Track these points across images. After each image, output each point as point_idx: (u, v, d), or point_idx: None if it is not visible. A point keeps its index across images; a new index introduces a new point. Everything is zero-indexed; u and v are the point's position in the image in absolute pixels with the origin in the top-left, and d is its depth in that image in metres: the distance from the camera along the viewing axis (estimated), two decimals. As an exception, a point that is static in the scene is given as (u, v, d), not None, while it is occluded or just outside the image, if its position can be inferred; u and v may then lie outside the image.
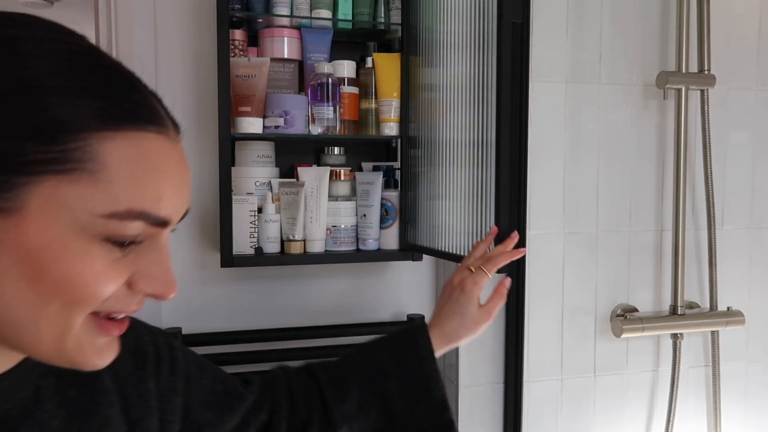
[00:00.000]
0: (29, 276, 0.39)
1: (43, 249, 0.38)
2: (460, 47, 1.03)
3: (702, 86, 1.31)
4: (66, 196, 0.38)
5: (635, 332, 1.29)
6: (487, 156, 1.00)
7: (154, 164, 0.41)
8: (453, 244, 1.08)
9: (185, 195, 0.44)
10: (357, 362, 0.78)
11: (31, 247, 0.38)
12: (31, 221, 0.38)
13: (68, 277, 0.39)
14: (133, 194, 0.40)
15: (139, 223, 0.40)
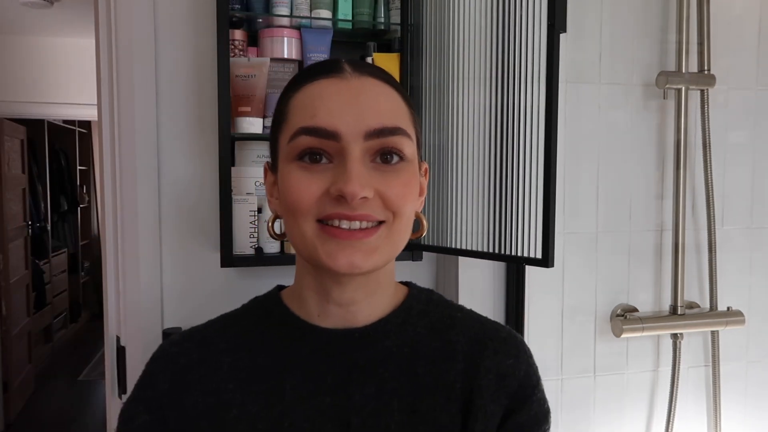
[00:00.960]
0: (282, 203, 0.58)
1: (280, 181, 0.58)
2: (475, 48, 1.03)
3: (702, 86, 1.31)
4: (281, 141, 0.58)
5: (635, 332, 1.29)
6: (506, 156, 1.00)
7: (314, 95, 0.56)
8: (462, 242, 1.08)
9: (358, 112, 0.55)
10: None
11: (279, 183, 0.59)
12: (278, 168, 0.59)
13: (286, 192, 0.56)
14: (298, 119, 0.56)
15: (304, 137, 0.55)
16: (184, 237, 1.21)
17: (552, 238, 0.93)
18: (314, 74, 0.58)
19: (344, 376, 0.58)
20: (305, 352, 0.59)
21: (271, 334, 0.62)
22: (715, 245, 1.35)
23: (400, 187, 0.56)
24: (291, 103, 0.58)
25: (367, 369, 0.59)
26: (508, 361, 0.62)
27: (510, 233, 0.99)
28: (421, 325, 0.63)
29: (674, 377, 1.35)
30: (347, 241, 0.54)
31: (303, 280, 0.62)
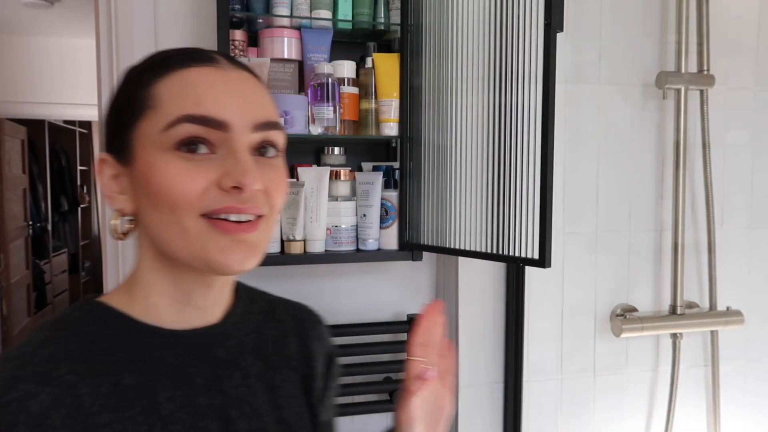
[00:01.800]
0: (149, 198, 0.53)
1: (147, 173, 0.52)
2: (474, 48, 1.04)
3: (701, 86, 1.32)
4: (145, 129, 0.53)
5: (635, 332, 1.29)
6: (504, 156, 1.00)
7: (194, 83, 0.53)
8: (461, 242, 1.08)
9: (244, 104, 0.54)
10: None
11: (143, 177, 0.53)
12: (138, 159, 0.53)
13: (160, 185, 0.52)
14: (176, 107, 0.52)
15: (188, 125, 0.52)
16: (185, 237, 1.21)
17: (549, 239, 0.93)
18: (184, 61, 0.54)
19: (212, 374, 0.57)
20: (171, 360, 0.56)
21: (126, 349, 0.55)
22: (715, 245, 1.36)
23: (280, 180, 0.56)
24: (157, 88, 0.53)
25: (230, 362, 0.59)
26: (322, 328, 0.70)
27: (508, 233, 0.99)
28: (255, 311, 0.65)
29: (674, 377, 1.35)
30: (237, 236, 0.52)
31: (153, 286, 0.57)
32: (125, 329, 0.56)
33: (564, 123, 1.27)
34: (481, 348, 1.27)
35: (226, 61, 0.56)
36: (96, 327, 0.55)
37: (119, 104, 0.56)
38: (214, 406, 0.56)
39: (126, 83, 0.57)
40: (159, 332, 0.56)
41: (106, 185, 0.56)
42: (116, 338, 0.55)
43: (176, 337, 0.57)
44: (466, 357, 1.26)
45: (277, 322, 0.67)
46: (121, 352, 0.54)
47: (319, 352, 0.68)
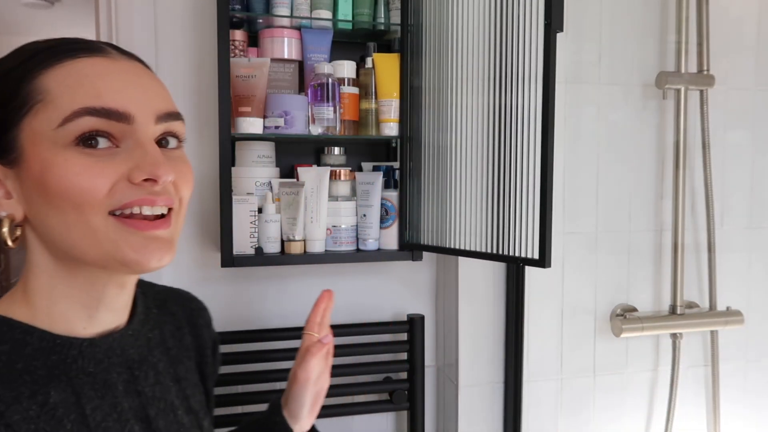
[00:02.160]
0: (46, 199, 0.49)
1: (42, 173, 0.48)
2: (474, 48, 1.04)
3: (701, 86, 1.32)
4: (36, 126, 0.49)
5: (635, 332, 1.29)
6: (504, 156, 1.00)
7: (88, 73, 0.50)
8: (461, 242, 1.08)
9: (144, 94, 0.52)
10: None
11: (37, 177, 0.49)
12: (29, 159, 0.49)
13: (62, 184, 0.48)
14: (72, 99, 0.49)
15: (88, 118, 0.48)
16: (184, 237, 1.21)
17: (549, 239, 0.93)
18: (72, 51, 0.51)
19: (129, 375, 0.57)
20: (91, 370, 0.53)
21: (45, 366, 0.51)
22: (715, 245, 1.36)
23: (187, 171, 0.55)
24: (45, 80, 0.49)
25: (141, 361, 0.58)
26: (207, 315, 0.72)
27: (508, 233, 0.99)
28: (151, 306, 0.65)
29: (673, 377, 1.35)
30: (151, 233, 0.51)
31: (57, 294, 0.53)
32: (39, 344, 0.51)
33: (564, 123, 1.27)
34: (481, 348, 1.27)
35: (114, 51, 0.53)
36: (7, 346, 0.50)
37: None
38: (135, 408, 0.56)
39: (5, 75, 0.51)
40: (74, 342, 0.53)
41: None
42: (31, 355, 0.51)
43: (92, 346, 0.54)
44: (466, 357, 1.27)
45: (171, 314, 0.67)
46: (40, 370, 0.51)
47: (208, 338, 0.70)
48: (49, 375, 0.51)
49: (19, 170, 0.50)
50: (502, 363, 1.29)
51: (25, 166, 0.50)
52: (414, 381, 1.28)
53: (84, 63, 0.50)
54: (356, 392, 1.27)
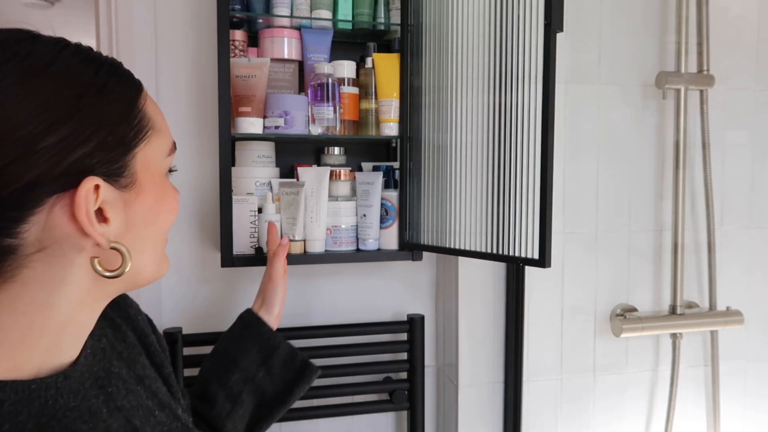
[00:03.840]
0: (153, 227, 0.52)
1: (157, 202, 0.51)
2: (474, 48, 1.04)
3: (701, 86, 1.32)
4: (150, 154, 0.50)
5: (635, 332, 1.29)
6: (504, 156, 1.00)
7: (152, 104, 0.52)
8: (461, 242, 1.08)
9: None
10: (209, 368, 0.89)
11: (149, 205, 0.51)
12: (142, 186, 0.50)
13: (163, 211, 0.52)
14: (166, 132, 0.53)
15: (173, 151, 0.54)
16: (184, 237, 1.21)
17: (549, 239, 0.93)
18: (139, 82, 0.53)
19: (105, 395, 0.53)
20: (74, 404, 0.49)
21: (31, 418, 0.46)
22: (715, 245, 1.36)
23: None
24: (146, 108, 0.50)
25: (108, 376, 0.55)
26: (130, 300, 0.69)
27: (508, 233, 0.99)
28: None
29: (673, 377, 1.35)
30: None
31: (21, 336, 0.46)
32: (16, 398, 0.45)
33: (564, 123, 1.27)
34: (481, 348, 1.27)
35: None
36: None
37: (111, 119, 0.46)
38: (122, 425, 0.53)
39: (115, 94, 0.47)
40: (49, 382, 0.48)
41: (90, 215, 0.45)
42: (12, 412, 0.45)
43: (66, 379, 0.49)
44: (466, 357, 1.27)
45: (103, 316, 0.62)
46: (27, 424, 0.45)
47: (145, 325, 0.68)
48: (38, 426, 0.46)
49: (129, 196, 0.49)
50: (502, 363, 1.29)
51: (137, 192, 0.49)
52: (414, 381, 1.28)
53: (147, 96, 0.52)
54: (356, 392, 1.27)
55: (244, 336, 0.92)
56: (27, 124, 0.41)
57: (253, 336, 0.91)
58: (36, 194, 0.42)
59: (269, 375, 0.90)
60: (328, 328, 1.25)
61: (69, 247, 0.45)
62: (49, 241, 0.44)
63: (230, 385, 0.87)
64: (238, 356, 0.89)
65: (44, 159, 0.42)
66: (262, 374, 0.89)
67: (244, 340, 0.91)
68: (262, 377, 0.89)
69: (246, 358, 0.89)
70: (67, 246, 0.45)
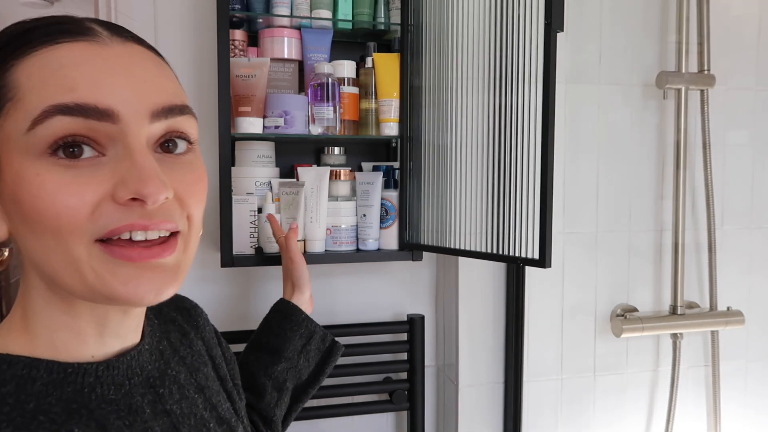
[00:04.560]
0: (22, 219, 0.40)
1: (15, 189, 0.39)
2: (474, 48, 1.03)
3: (702, 86, 1.31)
4: (8, 129, 0.39)
5: (635, 332, 1.29)
6: (505, 156, 1.00)
7: (65, 63, 0.40)
8: (461, 242, 1.08)
9: (134, 84, 0.42)
10: (255, 362, 0.90)
11: (10, 192, 0.40)
12: (3, 169, 0.40)
13: (35, 204, 0.39)
14: (42, 96, 0.39)
15: (60, 118, 0.38)
16: (185, 237, 1.21)
17: (549, 239, 0.93)
18: (50, 36, 0.41)
19: (154, 396, 0.49)
20: (112, 397, 0.46)
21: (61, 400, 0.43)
22: (715, 245, 1.35)
23: (196, 182, 0.45)
24: (16, 73, 0.40)
25: (163, 377, 0.51)
26: (200, 310, 0.67)
27: (508, 233, 0.99)
28: (151, 315, 0.57)
29: (674, 377, 1.35)
30: (146, 263, 0.41)
31: (55, 321, 0.44)
32: (48, 378, 0.43)
33: (564, 123, 1.27)
34: (481, 348, 1.27)
35: (106, 32, 0.43)
36: (11, 386, 0.41)
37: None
38: (166, 430, 0.49)
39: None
40: (88, 369, 0.45)
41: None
42: (42, 392, 0.42)
43: (109, 369, 0.46)
44: (466, 357, 1.26)
45: (171, 320, 0.61)
46: (55, 407, 0.42)
47: (212, 336, 0.66)
48: (66, 411, 0.42)
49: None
50: (502, 363, 1.29)
51: (1, 178, 0.40)
52: (414, 381, 1.28)
53: (63, 50, 0.40)
54: (356, 392, 1.27)
55: (284, 326, 0.92)
56: None
57: (293, 325, 0.92)
58: None
59: (307, 360, 0.92)
60: (328, 328, 1.25)
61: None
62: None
63: (276, 374, 0.88)
64: (281, 347, 0.90)
65: None
66: (302, 360, 0.91)
67: (285, 330, 0.91)
68: (302, 362, 0.91)
69: (289, 348, 0.90)
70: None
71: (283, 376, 0.88)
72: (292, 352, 0.90)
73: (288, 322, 0.92)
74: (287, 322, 0.92)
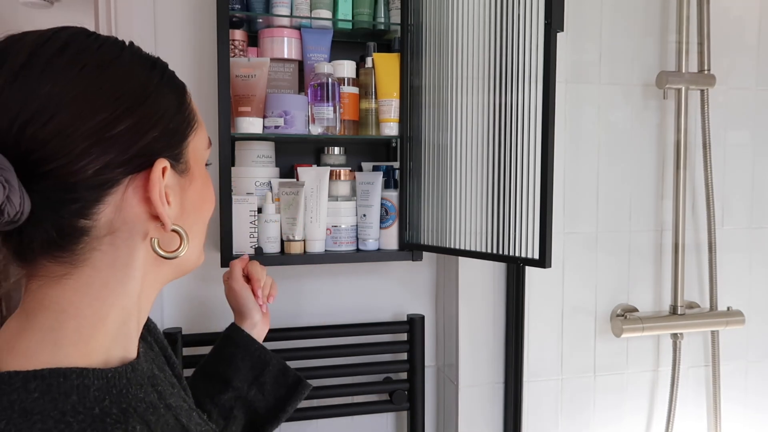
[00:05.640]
0: (199, 213, 0.55)
1: (203, 188, 0.55)
2: (474, 48, 1.04)
3: (702, 86, 1.31)
4: (196, 144, 0.54)
5: (635, 332, 1.29)
6: (505, 156, 1.00)
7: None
8: (461, 242, 1.08)
9: None
10: (201, 387, 0.88)
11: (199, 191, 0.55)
12: (193, 173, 0.54)
13: (210, 201, 0.57)
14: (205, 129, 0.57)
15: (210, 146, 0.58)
16: (184, 237, 1.21)
17: (549, 239, 0.93)
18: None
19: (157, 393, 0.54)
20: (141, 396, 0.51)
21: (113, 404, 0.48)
22: (715, 245, 1.35)
23: None
24: (193, 104, 0.55)
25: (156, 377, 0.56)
26: (150, 320, 0.69)
27: (508, 233, 0.99)
28: None
29: (674, 377, 1.35)
30: None
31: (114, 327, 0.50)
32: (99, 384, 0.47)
33: (564, 123, 1.27)
34: (481, 348, 1.27)
35: None
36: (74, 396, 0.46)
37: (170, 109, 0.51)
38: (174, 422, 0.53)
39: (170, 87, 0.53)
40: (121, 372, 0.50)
41: (160, 196, 0.49)
42: (98, 397, 0.47)
43: (134, 371, 0.51)
44: (466, 357, 1.26)
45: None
46: (112, 408, 0.47)
47: (163, 338, 0.70)
48: (121, 411, 0.48)
49: (185, 182, 0.53)
50: (502, 363, 1.29)
51: (189, 179, 0.54)
52: (414, 381, 1.28)
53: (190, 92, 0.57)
54: (356, 392, 1.27)
55: (235, 355, 0.89)
56: (104, 110, 0.46)
57: (243, 354, 0.89)
58: (113, 174, 0.47)
59: (261, 392, 0.89)
60: (328, 328, 1.25)
61: (135, 230, 0.49)
62: (119, 223, 0.48)
63: (222, 402, 0.87)
64: (230, 376, 0.88)
65: (120, 141, 0.46)
66: (254, 392, 0.88)
67: (234, 359, 0.89)
68: (254, 395, 0.88)
69: (238, 377, 0.88)
70: (134, 229, 0.49)
71: (230, 404, 0.87)
72: (241, 382, 0.87)
73: (239, 352, 0.89)
74: (238, 351, 0.89)
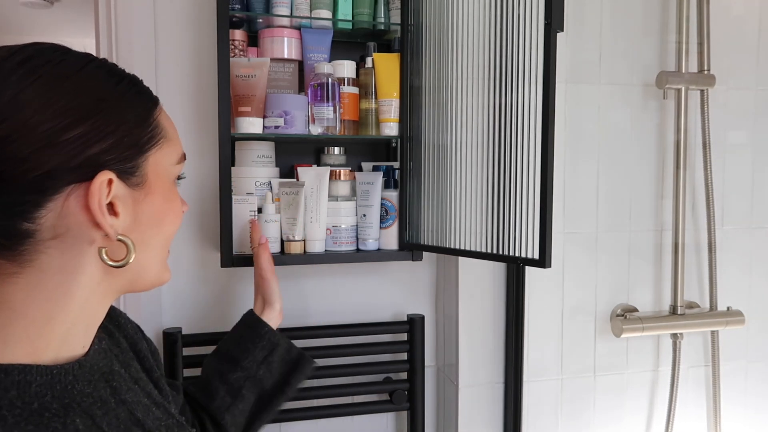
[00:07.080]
0: (158, 228, 0.55)
1: (163, 204, 0.55)
2: (474, 48, 1.03)
3: (702, 86, 1.31)
4: (160, 160, 0.55)
5: (635, 332, 1.29)
6: (505, 156, 1.00)
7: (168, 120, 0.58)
8: (461, 242, 1.08)
9: None
10: (213, 367, 0.95)
11: (158, 206, 0.55)
12: (152, 187, 0.54)
13: (174, 217, 0.57)
14: (177, 142, 0.58)
15: (182, 161, 0.58)
16: (184, 237, 1.21)
17: (549, 239, 0.93)
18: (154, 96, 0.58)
19: (111, 388, 0.56)
20: (88, 391, 0.53)
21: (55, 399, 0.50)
22: (715, 245, 1.35)
23: None
24: (160, 118, 0.55)
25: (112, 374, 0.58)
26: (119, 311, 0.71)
27: (508, 233, 0.99)
28: None
29: (674, 377, 1.35)
30: None
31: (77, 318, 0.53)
32: (42, 380, 0.49)
33: (564, 123, 1.27)
34: (481, 348, 1.27)
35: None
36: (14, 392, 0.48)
37: (128, 122, 0.51)
38: (127, 416, 0.56)
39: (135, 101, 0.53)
40: (67, 369, 0.52)
41: (102, 209, 0.49)
42: (39, 392, 0.49)
43: (81, 367, 0.53)
44: (466, 357, 1.26)
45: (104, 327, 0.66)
46: (53, 404, 0.49)
47: (134, 333, 0.69)
48: (62, 406, 0.50)
49: (139, 195, 0.53)
50: (502, 363, 1.29)
51: (145, 192, 0.54)
52: (414, 381, 1.28)
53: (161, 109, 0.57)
54: (356, 392, 1.27)
55: (246, 337, 0.96)
56: (53, 119, 0.47)
57: (254, 336, 0.96)
58: (55, 182, 0.47)
59: (269, 371, 0.95)
60: (328, 328, 1.25)
61: (81, 236, 0.50)
62: (62, 229, 0.49)
63: (231, 381, 0.92)
64: (240, 356, 0.94)
65: (65, 150, 0.47)
66: (263, 371, 0.95)
67: (245, 341, 0.96)
68: (263, 374, 0.95)
69: (248, 358, 0.94)
70: (79, 235, 0.50)
71: (239, 383, 0.93)
72: (251, 363, 0.94)
73: (251, 334, 0.97)
74: (249, 333, 0.97)
